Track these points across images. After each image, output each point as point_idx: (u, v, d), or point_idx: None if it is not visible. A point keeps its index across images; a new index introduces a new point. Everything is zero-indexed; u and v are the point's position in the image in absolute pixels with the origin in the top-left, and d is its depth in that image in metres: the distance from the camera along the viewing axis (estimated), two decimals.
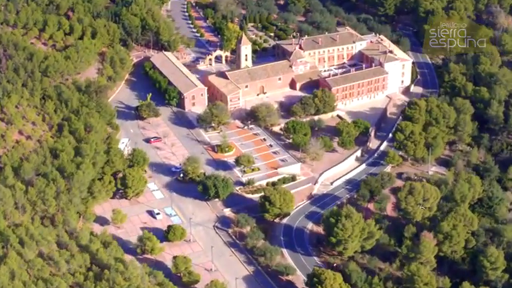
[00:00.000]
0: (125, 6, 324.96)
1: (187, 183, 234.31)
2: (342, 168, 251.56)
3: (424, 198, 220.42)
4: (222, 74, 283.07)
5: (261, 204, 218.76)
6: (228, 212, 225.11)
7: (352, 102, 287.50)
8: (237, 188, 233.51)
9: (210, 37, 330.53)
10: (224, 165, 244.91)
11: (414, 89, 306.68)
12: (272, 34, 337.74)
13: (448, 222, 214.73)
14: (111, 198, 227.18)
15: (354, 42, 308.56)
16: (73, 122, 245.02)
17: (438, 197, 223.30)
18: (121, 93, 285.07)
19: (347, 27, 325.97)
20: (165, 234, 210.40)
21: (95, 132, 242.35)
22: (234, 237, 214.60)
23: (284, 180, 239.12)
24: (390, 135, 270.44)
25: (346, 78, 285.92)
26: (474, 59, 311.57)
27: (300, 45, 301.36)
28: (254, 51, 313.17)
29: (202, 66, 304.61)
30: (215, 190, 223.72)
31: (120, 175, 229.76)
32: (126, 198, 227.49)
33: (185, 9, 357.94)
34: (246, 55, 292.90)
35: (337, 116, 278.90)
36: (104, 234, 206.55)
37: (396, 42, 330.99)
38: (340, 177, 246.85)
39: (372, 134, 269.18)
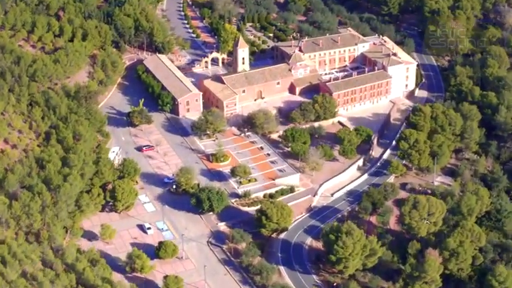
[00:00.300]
0: (117, 6, 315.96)
1: (180, 195, 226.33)
2: (343, 179, 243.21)
3: (429, 212, 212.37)
4: (218, 78, 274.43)
5: (257, 219, 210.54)
6: (222, 226, 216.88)
7: (354, 107, 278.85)
8: (233, 201, 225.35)
9: (207, 38, 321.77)
10: (219, 176, 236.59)
11: (419, 93, 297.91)
12: (271, 35, 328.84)
13: (455, 238, 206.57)
14: (100, 211, 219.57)
15: (356, 44, 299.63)
16: (61, 130, 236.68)
17: (444, 211, 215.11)
18: (113, 98, 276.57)
19: (349, 28, 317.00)
20: (156, 252, 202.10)
21: (83, 141, 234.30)
22: (228, 254, 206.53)
23: (282, 192, 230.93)
24: (394, 142, 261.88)
25: (348, 82, 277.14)
26: (481, 61, 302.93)
27: (300, 48, 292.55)
28: (252, 53, 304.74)
29: (197, 69, 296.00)
30: (209, 203, 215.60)
31: (110, 187, 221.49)
32: (115, 212, 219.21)
33: (181, 9, 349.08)
34: (243, 58, 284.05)
35: (338, 122, 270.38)
36: (91, 252, 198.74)
37: (400, 43, 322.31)
38: (341, 188, 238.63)
39: (375, 141, 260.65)
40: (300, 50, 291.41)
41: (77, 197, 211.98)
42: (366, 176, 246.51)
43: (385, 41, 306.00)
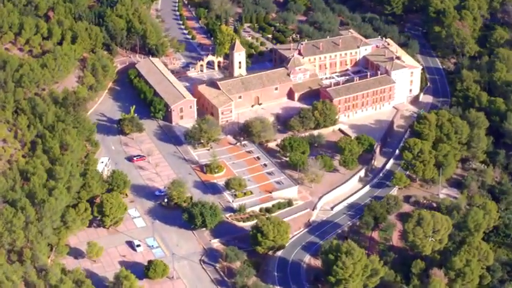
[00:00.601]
0: (110, 6, 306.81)
1: (172, 209, 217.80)
2: (344, 191, 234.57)
3: (434, 229, 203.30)
4: (213, 84, 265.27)
5: (253, 236, 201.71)
6: (216, 243, 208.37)
7: (355, 114, 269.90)
8: (227, 215, 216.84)
9: (202, 40, 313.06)
10: (213, 188, 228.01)
11: (424, 97, 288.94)
12: (270, 36, 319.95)
13: (461, 257, 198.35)
14: (88, 226, 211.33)
15: (358, 47, 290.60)
16: (47, 140, 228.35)
17: (449, 228, 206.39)
18: (103, 104, 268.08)
19: (350, 30, 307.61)
20: (145, 271, 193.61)
21: (71, 152, 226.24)
22: (222, 273, 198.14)
23: (279, 206, 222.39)
24: (397, 151, 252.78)
25: (349, 88, 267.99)
26: (489, 64, 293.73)
27: (299, 51, 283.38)
28: (250, 56, 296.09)
29: (192, 73, 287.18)
30: (202, 219, 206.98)
31: (98, 200, 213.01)
32: (104, 227, 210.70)
33: (176, 8, 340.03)
34: (240, 62, 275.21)
35: (339, 130, 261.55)
36: (76, 272, 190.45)
37: (404, 45, 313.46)
38: (341, 202, 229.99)
39: (377, 150, 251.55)
40: (300, 53, 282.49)
41: (63, 212, 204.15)
42: (367, 187, 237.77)
43: (388, 44, 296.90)
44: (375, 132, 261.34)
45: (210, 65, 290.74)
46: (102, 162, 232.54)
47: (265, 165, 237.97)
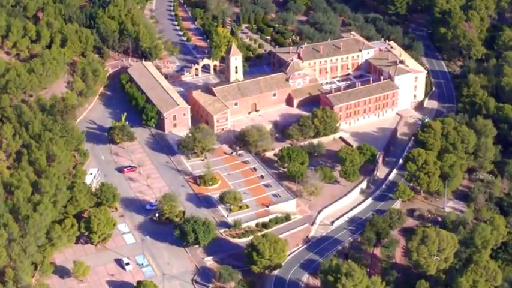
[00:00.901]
0: (102, 6, 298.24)
1: (163, 224, 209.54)
2: (344, 204, 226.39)
3: (440, 248, 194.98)
4: (208, 90, 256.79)
5: (248, 255, 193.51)
6: (209, 261, 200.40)
7: (357, 121, 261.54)
8: (221, 231, 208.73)
9: (198, 42, 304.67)
10: (207, 201, 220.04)
11: (428, 103, 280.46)
12: (268, 37, 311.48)
13: (467, 277, 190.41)
14: (75, 242, 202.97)
15: (360, 50, 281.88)
16: (33, 150, 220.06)
17: (455, 246, 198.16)
18: (93, 111, 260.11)
19: (352, 32, 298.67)
20: None
21: (57, 163, 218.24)
22: None
23: (276, 221, 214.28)
24: (401, 161, 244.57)
25: (351, 94, 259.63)
26: (496, 68, 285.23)
27: (299, 54, 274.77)
28: (247, 59, 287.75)
29: (187, 77, 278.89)
30: (195, 236, 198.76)
31: (86, 214, 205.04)
32: (91, 243, 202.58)
33: (172, 8, 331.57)
34: (236, 67, 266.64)
35: (340, 138, 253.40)
36: None
37: (409, 47, 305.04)
38: (341, 216, 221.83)
39: (380, 161, 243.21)
40: (299, 57, 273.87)
41: (48, 228, 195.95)
42: (369, 200, 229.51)
43: (391, 47, 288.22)
44: (378, 141, 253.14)
45: (205, 68, 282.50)
46: (91, 173, 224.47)
47: (262, 176, 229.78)
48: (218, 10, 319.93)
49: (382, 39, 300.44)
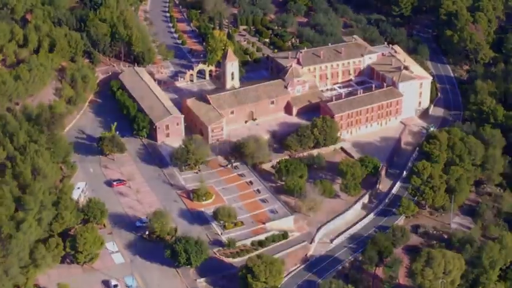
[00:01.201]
0: (93, 8, 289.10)
1: (154, 243, 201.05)
2: (345, 220, 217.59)
3: (445, 270, 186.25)
4: (202, 98, 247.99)
5: (242, 278, 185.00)
6: (202, 282, 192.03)
7: (359, 130, 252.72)
8: (215, 250, 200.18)
9: (194, 45, 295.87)
10: (200, 218, 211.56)
11: (434, 110, 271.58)
12: (267, 40, 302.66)
13: None
14: (61, 262, 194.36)
15: (362, 55, 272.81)
16: (17, 164, 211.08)
17: (462, 268, 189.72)
18: (83, 119, 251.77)
19: (354, 36, 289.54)
20: None
21: (43, 177, 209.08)
22: None
23: (273, 238, 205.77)
24: (404, 173, 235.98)
25: (352, 102, 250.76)
26: (505, 73, 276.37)
27: (298, 60, 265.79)
28: (245, 63, 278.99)
29: (182, 83, 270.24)
30: (186, 256, 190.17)
31: (73, 232, 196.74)
32: (78, 264, 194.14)
33: (167, 9, 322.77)
34: (233, 73, 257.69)
35: (341, 149, 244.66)
36: None
37: (413, 51, 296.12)
38: (342, 233, 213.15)
39: (383, 173, 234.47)
40: (298, 63, 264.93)
41: (32, 247, 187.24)
42: (371, 215, 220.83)
43: (395, 51, 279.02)
44: (381, 151, 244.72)
45: (201, 74, 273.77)
46: (79, 187, 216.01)
47: (258, 191, 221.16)
48: (215, 11, 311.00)
49: (386, 43, 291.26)
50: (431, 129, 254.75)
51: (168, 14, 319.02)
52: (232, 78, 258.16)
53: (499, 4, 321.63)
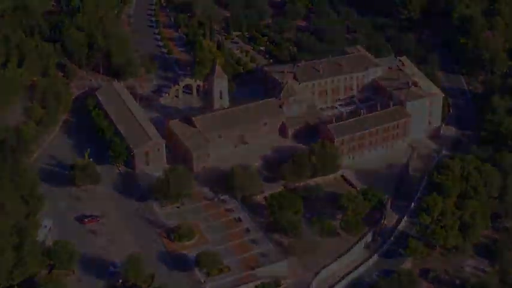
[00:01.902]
0: (69, 14, 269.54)
1: None
2: (346, 262, 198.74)
3: None
4: (187, 119, 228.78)
5: None
6: None
7: (362, 155, 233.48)
8: None
9: (181, 54, 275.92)
10: (182, 262, 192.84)
11: (445, 129, 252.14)
12: (262, 48, 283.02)
13: None
14: None
15: (366, 68, 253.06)
16: None
17: None
18: (54, 142, 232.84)
19: (358, 46, 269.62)
20: None
21: (5, 215, 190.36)
22: None
23: (264, 287, 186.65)
24: (412, 205, 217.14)
25: (355, 124, 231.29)
26: None
27: (295, 74, 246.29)
28: (237, 75, 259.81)
29: (166, 99, 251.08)
30: None
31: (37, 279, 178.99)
32: None
33: (152, 13, 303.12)
34: (221, 91, 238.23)
35: (342, 177, 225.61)
36: None
37: (423, 60, 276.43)
38: (342, 279, 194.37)
39: (388, 206, 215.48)
40: (295, 78, 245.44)
41: None
42: (375, 257, 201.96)
43: (403, 64, 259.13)
44: (386, 180, 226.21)
45: (188, 89, 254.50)
46: (46, 226, 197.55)
47: (247, 230, 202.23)
48: (205, 16, 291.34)
49: (393, 53, 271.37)
50: (443, 152, 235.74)
51: (153, 19, 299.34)
52: (221, 97, 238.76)
53: None
